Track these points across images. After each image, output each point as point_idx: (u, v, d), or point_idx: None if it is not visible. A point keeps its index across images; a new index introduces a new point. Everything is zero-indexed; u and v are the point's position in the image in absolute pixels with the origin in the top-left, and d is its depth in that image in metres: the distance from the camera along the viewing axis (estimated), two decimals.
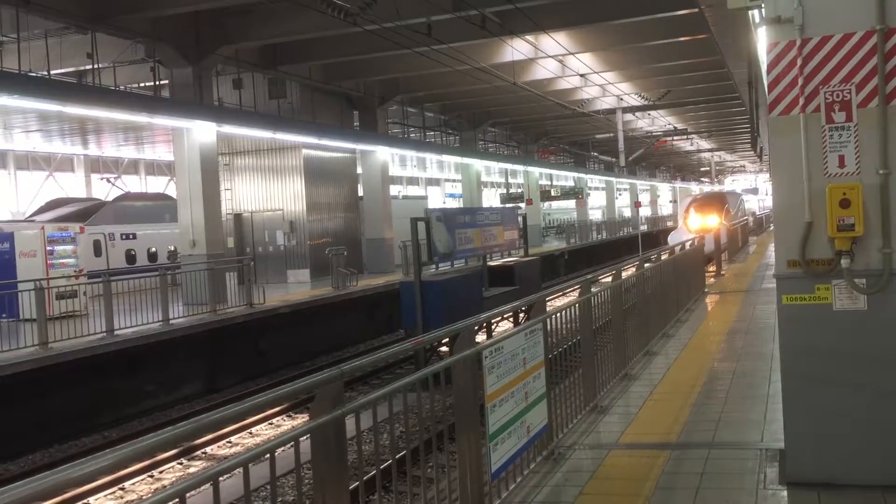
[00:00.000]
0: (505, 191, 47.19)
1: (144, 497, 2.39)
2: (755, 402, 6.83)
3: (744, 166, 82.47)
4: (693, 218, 31.93)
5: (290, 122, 21.56)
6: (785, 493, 4.71)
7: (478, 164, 35.04)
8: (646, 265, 9.63)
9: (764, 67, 5.26)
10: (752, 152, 44.72)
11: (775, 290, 4.88)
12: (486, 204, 42.71)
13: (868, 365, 4.64)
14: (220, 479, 2.71)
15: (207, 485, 2.70)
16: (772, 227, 34.02)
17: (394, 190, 40.14)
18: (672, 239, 28.95)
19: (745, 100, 28.04)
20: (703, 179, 79.56)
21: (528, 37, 21.33)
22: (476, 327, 4.70)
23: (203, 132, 17.82)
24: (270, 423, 13.05)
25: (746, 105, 27.73)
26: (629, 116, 37.24)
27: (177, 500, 2.51)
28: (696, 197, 37.91)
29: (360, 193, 26.87)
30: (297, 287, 21.87)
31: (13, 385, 12.00)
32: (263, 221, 24.18)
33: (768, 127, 4.91)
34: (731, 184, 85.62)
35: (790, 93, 4.73)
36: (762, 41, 5.16)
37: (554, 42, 21.63)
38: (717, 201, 33.73)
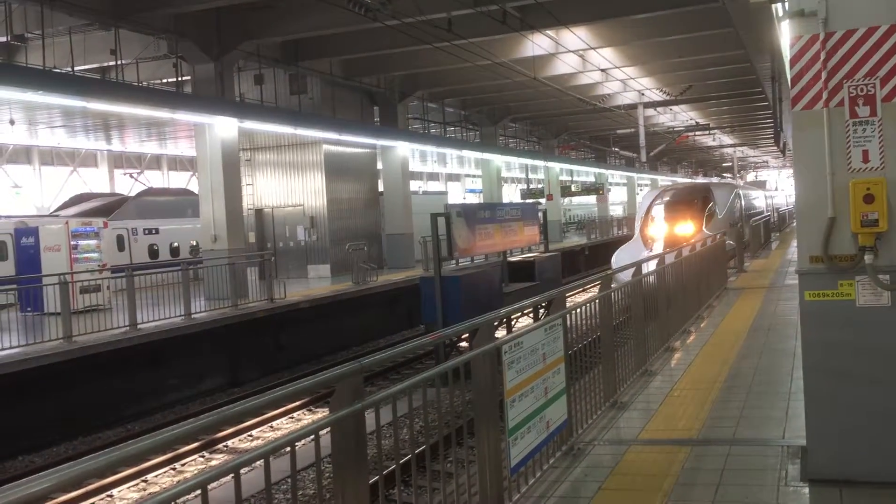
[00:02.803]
0: (525, 186, 47.10)
1: (167, 489, 2.44)
2: (777, 398, 6.79)
3: (766, 162, 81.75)
4: (656, 224, 22.06)
5: (310, 118, 21.63)
6: (807, 490, 4.68)
7: (498, 160, 34.97)
8: (667, 261, 9.58)
9: (787, 62, 5.22)
10: (776, 147, 44.31)
11: (798, 287, 4.85)
12: (506, 199, 42.68)
13: (891, 361, 4.59)
14: (241, 471, 2.73)
15: (228, 477, 2.72)
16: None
17: (414, 185, 40.19)
18: (618, 259, 20.75)
19: (768, 94, 27.84)
20: (724, 175, 78.92)
21: (548, 32, 21.25)
22: (496, 322, 4.70)
23: (225, 128, 17.92)
24: (291, 417, 13.13)
25: (769, 100, 27.52)
26: (650, 111, 37.00)
27: (199, 491, 2.54)
28: (664, 191, 25.09)
29: (381, 189, 26.92)
30: (318, 282, 21.97)
31: (39, 378, 12.16)
32: (284, 217, 24.30)
33: (791, 122, 4.86)
34: (754, 179, 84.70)
35: (814, 87, 4.69)
36: (785, 35, 5.12)
37: (575, 37, 21.54)
38: (697, 198, 23.25)
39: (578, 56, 24.44)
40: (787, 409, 6.38)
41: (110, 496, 9.92)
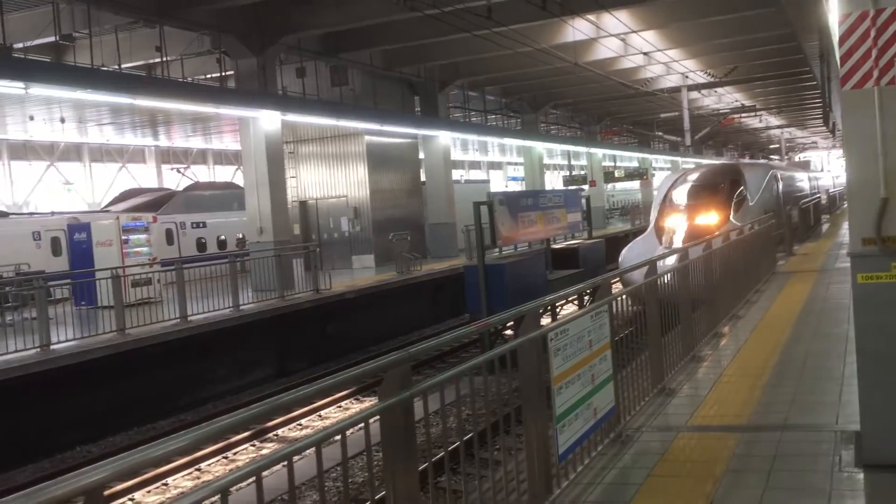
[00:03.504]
0: (568, 173, 46.81)
1: (220, 477, 2.51)
2: (829, 383, 6.67)
3: (815, 142, 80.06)
4: (673, 215, 18.61)
5: (352, 109, 21.75)
6: (861, 475, 4.60)
7: (540, 147, 34.78)
8: (714, 245, 9.45)
9: (836, 39, 5.10)
10: (825, 128, 43.30)
11: (849, 270, 4.75)
12: (548, 186, 42.45)
13: None
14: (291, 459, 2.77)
15: (279, 465, 2.77)
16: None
17: (456, 174, 40.18)
18: (626, 258, 17.67)
19: (816, 74, 27.22)
20: (772, 157, 77.50)
21: (589, 16, 21.04)
22: (540, 310, 4.69)
23: (268, 121, 18.11)
24: (339, 407, 13.27)
25: (818, 79, 26.91)
26: (695, 94, 36.44)
27: (253, 478, 2.59)
28: (684, 174, 21.19)
29: (423, 178, 26.98)
30: (362, 272, 22.12)
31: (94, 370, 12.46)
32: (328, 208, 24.49)
33: (841, 101, 4.76)
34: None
35: (864, 65, 4.57)
36: (834, 12, 5.00)
37: (616, 20, 21.29)
38: (723, 182, 19.55)
39: (620, 40, 24.16)
40: (840, 394, 6.27)
41: (165, 484, 10.14)
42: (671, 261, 7.85)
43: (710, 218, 17.84)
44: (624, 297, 6.05)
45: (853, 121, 4.67)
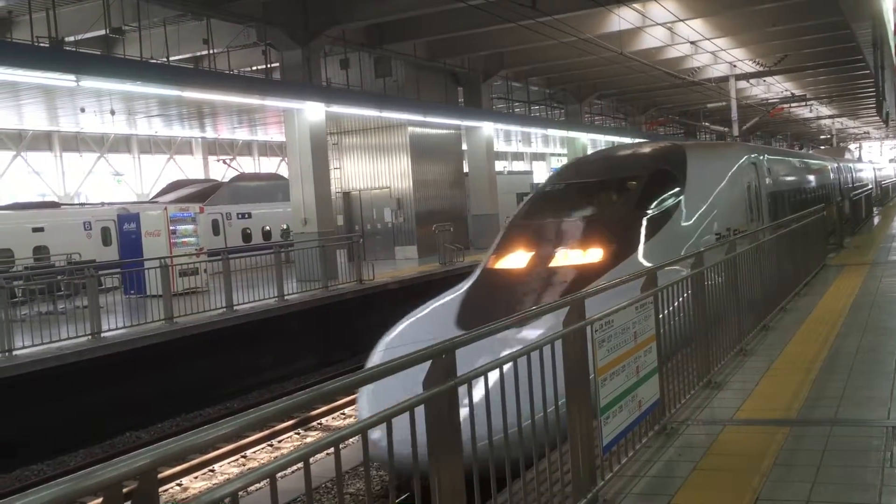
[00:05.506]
0: None
1: (268, 462, 2.54)
2: (881, 378, 6.53)
3: (868, 133, 78.18)
4: (518, 251, 10.25)
5: (395, 101, 21.79)
6: None
7: (584, 138, 34.52)
8: (762, 238, 9.29)
9: (890, 27, 4.97)
10: (878, 117, 42.27)
11: None
12: None
13: None
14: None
15: (323, 454, 2.79)
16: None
17: (499, 166, 40.07)
18: (390, 346, 9.85)
19: (869, 62, 26.56)
20: (821, 147, 75.82)
21: (635, 5, 20.78)
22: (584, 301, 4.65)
23: (312, 112, 18.23)
24: None
25: (871, 67, 26.26)
26: (743, 84, 35.78)
27: (299, 464, 2.62)
28: (570, 167, 14.12)
29: (466, 170, 26.93)
30: (405, 263, 22.20)
31: (144, 357, 12.71)
32: (371, 199, 24.59)
33: (895, 90, 4.64)
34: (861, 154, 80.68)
35: None
36: None
37: (663, 9, 20.99)
38: (639, 178, 10.85)
39: (666, 29, 23.82)
40: (891, 389, 6.13)
41: (212, 471, 10.32)
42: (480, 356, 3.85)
43: (587, 255, 9.62)
44: (670, 288, 5.90)
45: None
